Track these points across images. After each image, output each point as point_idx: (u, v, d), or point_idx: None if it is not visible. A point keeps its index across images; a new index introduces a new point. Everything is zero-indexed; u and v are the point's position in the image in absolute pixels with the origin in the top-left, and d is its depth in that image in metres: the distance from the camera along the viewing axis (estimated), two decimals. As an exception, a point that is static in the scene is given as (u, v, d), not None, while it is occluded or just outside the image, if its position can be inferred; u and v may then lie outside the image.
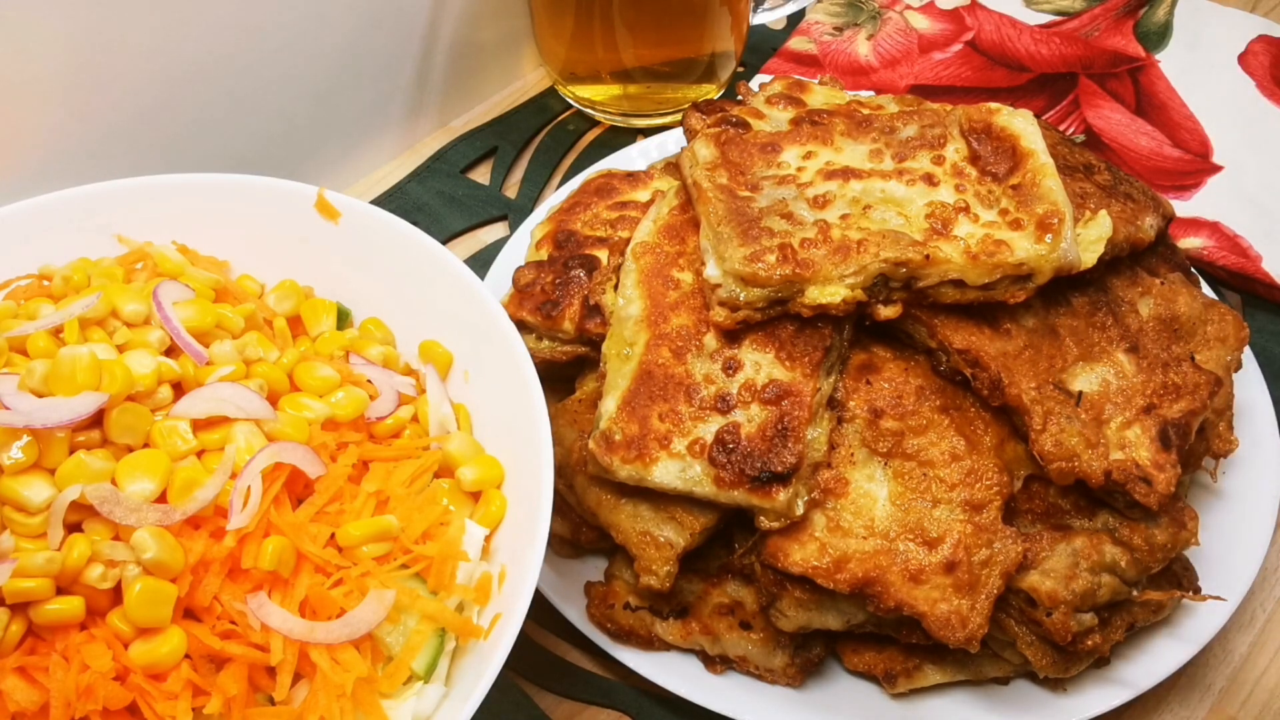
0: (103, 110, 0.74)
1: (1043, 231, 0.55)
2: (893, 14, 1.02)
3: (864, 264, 0.54)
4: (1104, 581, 0.56)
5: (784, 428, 0.54)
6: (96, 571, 0.50)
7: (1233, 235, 0.82)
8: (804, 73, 0.96)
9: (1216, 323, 0.63)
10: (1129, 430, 0.56)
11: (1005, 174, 0.58)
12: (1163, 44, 0.98)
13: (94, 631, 0.50)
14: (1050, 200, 0.56)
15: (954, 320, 0.57)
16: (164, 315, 0.58)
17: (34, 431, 0.51)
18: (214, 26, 0.76)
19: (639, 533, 0.58)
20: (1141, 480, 0.55)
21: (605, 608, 0.61)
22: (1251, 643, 0.65)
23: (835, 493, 0.55)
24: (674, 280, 0.60)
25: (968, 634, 0.53)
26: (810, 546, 0.55)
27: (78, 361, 0.52)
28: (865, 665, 0.59)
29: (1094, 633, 0.56)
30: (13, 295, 0.62)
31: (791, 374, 0.56)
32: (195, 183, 0.68)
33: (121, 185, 0.68)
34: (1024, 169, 0.57)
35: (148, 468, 0.52)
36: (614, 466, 0.56)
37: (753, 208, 0.57)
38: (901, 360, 0.59)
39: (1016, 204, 0.56)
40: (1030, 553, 0.55)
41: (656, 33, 0.88)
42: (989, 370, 0.56)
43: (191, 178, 0.69)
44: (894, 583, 0.53)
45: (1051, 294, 0.60)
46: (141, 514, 0.50)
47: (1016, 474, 0.57)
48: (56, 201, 0.67)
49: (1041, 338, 0.58)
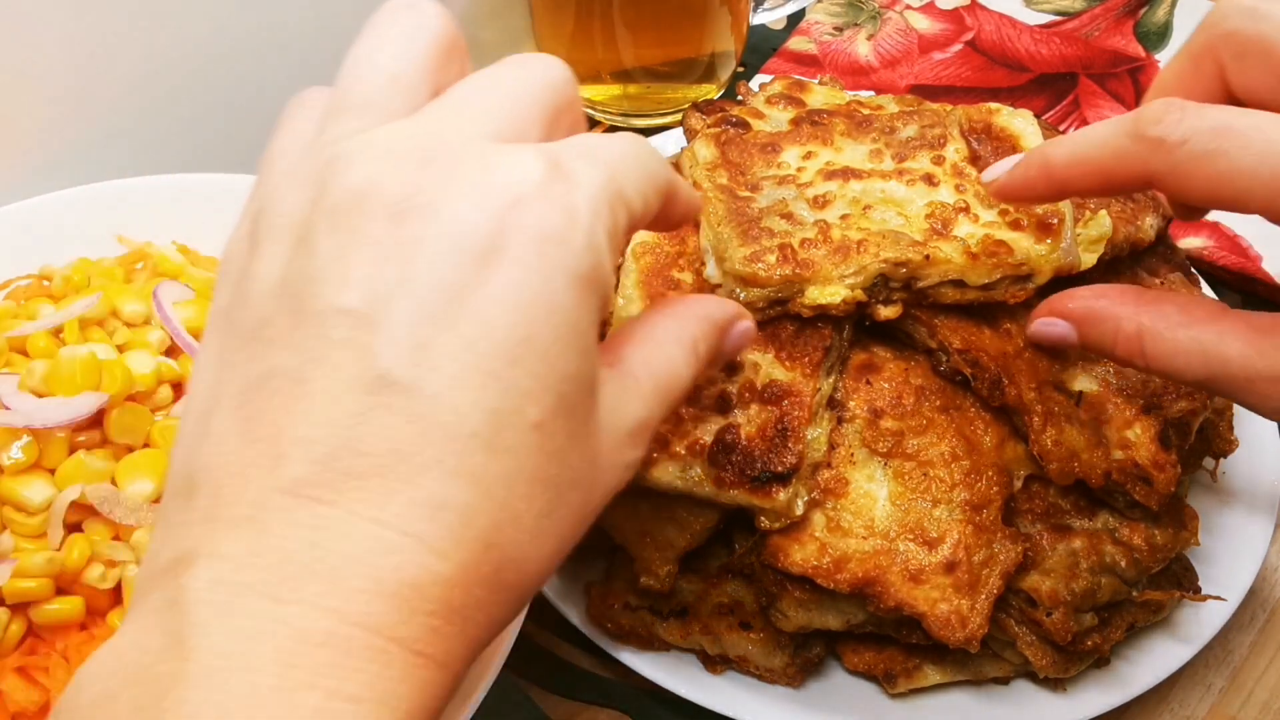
0: (103, 110, 0.74)
1: (1043, 232, 0.55)
2: (893, 14, 1.02)
3: (864, 264, 0.54)
4: (1104, 582, 0.56)
5: (784, 428, 0.54)
6: (96, 571, 0.50)
7: (1233, 235, 0.82)
8: (804, 73, 0.96)
9: (1216, 323, 0.63)
10: (1129, 430, 0.56)
11: None
12: (1163, 44, 0.98)
13: (94, 631, 0.50)
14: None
15: (954, 320, 0.57)
16: (164, 315, 0.58)
17: (34, 431, 0.51)
18: (214, 26, 0.76)
19: (639, 533, 0.58)
20: (1141, 480, 0.55)
21: (605, 608, 0.61)
22: (1251, 643, 0.65)
23: (835, 493, 0.55)
24: (674, 280, 0.60)
25: (968, 634, 0.53)
26: (810, 546, 0.55)
27: (78, 361, 0.52)
28: (865, 665, 0.59)
29: (1094, 633, 0.56)
30: (13, 295, 0.62)
31: (791, 374, 0.56)
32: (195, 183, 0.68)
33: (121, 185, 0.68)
34: None
35: (148, 468, 0.52)
36: (614, 466, 0.56)
37: (753, 208, 0.57)
38: (901, 360, 0.59)
39: (1016, 204, 0.56)
40: (1030, 553, 0.55)
41: (656, 33, 0.88)
42: (989, 370, 0.56)
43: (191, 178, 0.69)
44: (894, 583, 0.53)
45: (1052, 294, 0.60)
46: (141, 514, 0.50)
47: (1016, 474, 0.57)
48: (56, 201, 0.67)
49: (1041, 338, 0.58)
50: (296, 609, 0.27)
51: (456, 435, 0.29)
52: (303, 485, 0.28)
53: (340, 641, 0.27)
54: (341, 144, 0.31)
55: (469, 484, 0.29)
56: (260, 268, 0.31)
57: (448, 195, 0.30)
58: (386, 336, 0.29)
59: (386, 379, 0.29)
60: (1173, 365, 0.44)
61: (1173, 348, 0.44)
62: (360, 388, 0.29)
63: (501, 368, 0.29)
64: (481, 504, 0.29)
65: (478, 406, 0.29)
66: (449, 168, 0.30)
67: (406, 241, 0.29)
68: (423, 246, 0.29)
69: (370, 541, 0.28)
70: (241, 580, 0.28)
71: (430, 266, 0.29)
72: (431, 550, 0.29)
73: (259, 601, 0.27)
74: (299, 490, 0.28)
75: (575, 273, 0.31)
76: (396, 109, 0.32)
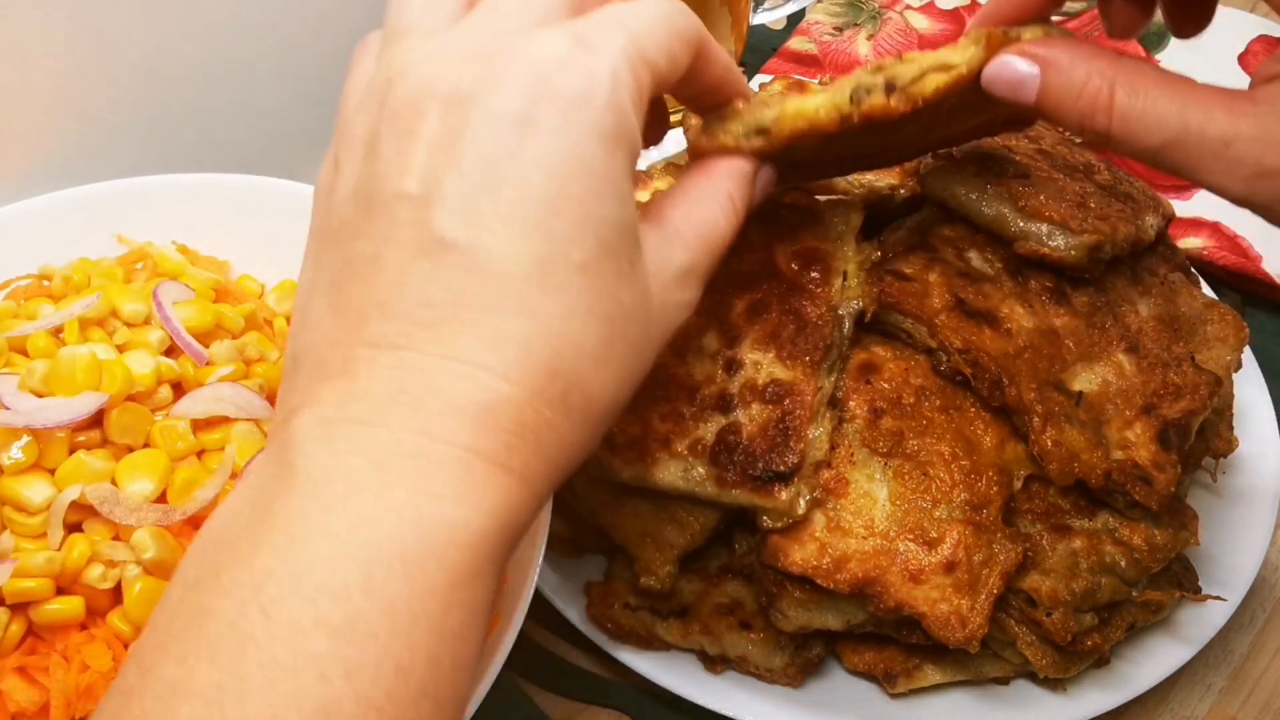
0: (103, 110, 0.74)
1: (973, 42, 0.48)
2: (893, 14, 1.02)
3: (841, 83, 0.49)
4: (1104, 582, 0.56)
5: (785, 427, 0.54)
6: (96, 571, 0.50)
7: (1233, 235, 0.82)
8: (804, 73, 0.96)
9: (1216, 323, 0.63)
10: (1129, 430, 0.56)
11: None
12: (1163, 44, 0.98)
13: (94, 631, 0.50)
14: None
15: (954, 320, 0.57)
16: (164, 315, 0.58)
17: (34, 431, 0.51)
18: (215, 26, 0.76)
19: (639, 533, 0.58)
20: (1141, 480, 0.55)
21: (605, 607, 0.61)
22: (1251, 643, 0.65)
23: (835, 492, 0.56)
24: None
25: (968, 634, 0.53)
26: (810, 546, 0.55)
27: (78, 361, 0.52)
28: (865, 665, 0.59)
29: (1094, 633, 0.56)
30: (13, 295, 0.62)
31: (792, 373, 0.56)
32: (195, 183, 0.68)
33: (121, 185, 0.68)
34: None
35: (148, 468, 0.52)
36: (617, 468, 0.56)
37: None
38: (901, 360, 0.59)
39: None
40: (1030, 553, 0.55)
41: (656, 33, 0.88)
42: (989, 370, 0.56)
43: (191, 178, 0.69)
44: (894, 583, 0.53)
45: (1052, 294, 0.60)
46: (141, 514, 0.50)
47: (1016, 474, 0.57)
48: (56, 201, 0.67)
49: (1041, 338, 0.58)
50: (385, 431, 0.32)
51: (510, 280, 0.34)
52: (383, 338, 0.33)
53: (424, 452, 0.32)
54: (395, 64, 0.36)
55: (527, 319, 0.34)
56: (340, 183, 0.37)
57: (485, 84, 0.35)
58: (442, 209, 0.34)
59: (445, 243, 0.34)
60: (1140, 126, 0.42)
61: (1145, 107, 0.42)
62: (424, 254, 0.34)
63: (544, 219, 0.34)
64: (540, 335, 0.34)
65: (527, 255, 0.34)
66: (486, 62, 0.35)
67: (453, 130, 0.34)
68: (467, 130, 0.34)
69: (445, 374, 0.33)
70: (338, 416, 0.33)
71: (474, 146, 0.34)
72: (500, 377, 0.33)
73: (353, 428, 0.33)
74: (380, 342, 0.33)
75: (600, 130, 0.35)
76: (438, 24, 0.37)
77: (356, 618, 0.30)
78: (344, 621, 0.30)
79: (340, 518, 0.31)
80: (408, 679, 0.30)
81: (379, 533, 0.31)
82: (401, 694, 0.30)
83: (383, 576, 0.30)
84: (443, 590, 0.31)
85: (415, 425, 0.32)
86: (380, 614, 0.30)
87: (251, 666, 0.29)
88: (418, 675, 0.31)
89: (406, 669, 0.30)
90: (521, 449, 0.34)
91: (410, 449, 0.32)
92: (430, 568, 0.31)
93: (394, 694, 0.30)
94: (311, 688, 0.29)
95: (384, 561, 0.31)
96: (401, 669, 0.30)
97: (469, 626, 0.32)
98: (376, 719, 0.30)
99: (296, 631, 0.30)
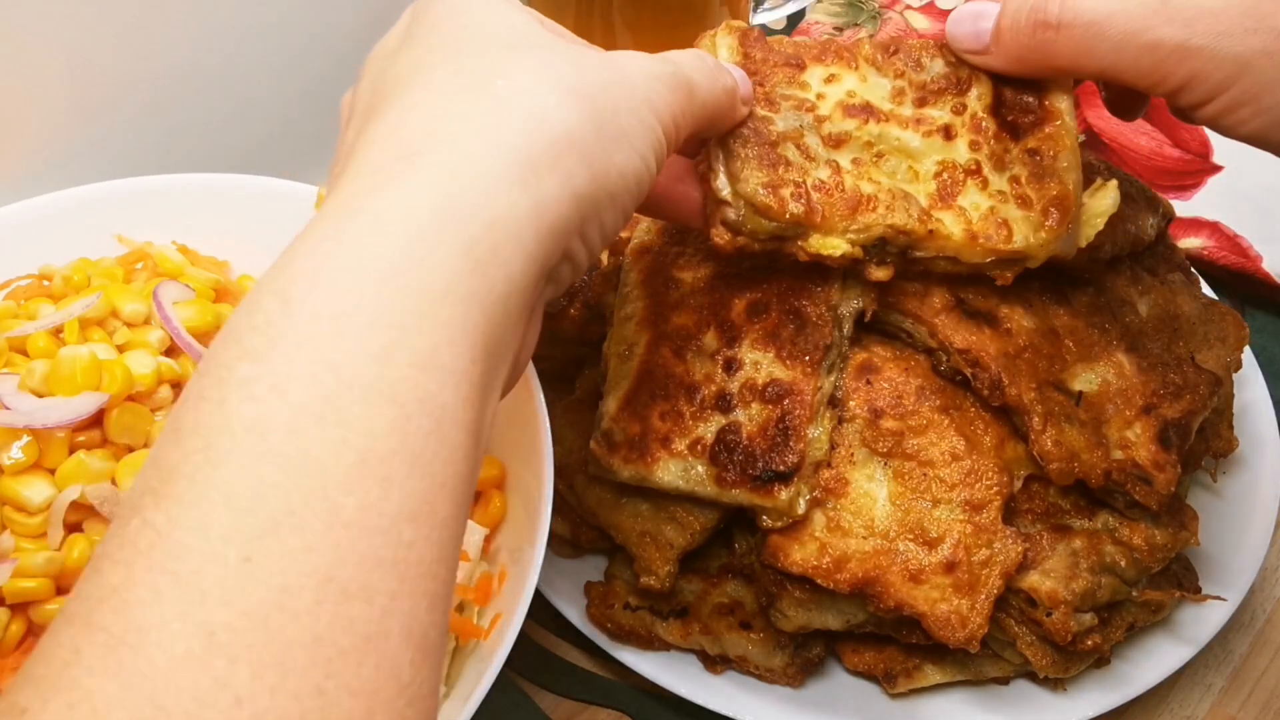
0: (103, 110, 0.74)
1: (1045, 218, 0.54)
2: (893, 14, 1.02)
3: (869, 224, 0.53)
4: (1104, 582, 0.56)
5: (785, 426, 0.54)
6: (96, 571, 0.50)
7: (1233, 235, 0.82)
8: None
9: (1216, 323, 0.64)
10: (1129, 430, 0.56)
11: (1026, 128, 0.55)
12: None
13: (94, 631, 0.50)
14: (1062, 183, 0.54)
15: (954, 320, 0.57)
16: (164, 315, 0.58)
17: (34, 431, 0.51)
18: (214, 26, 0.76)
19: (639, 533, 0.58)
20: (1141, 480, 0.55)
21: (605, 608, 0.61)
22: (1251, 643, 0.65)
23: (835, 492, 0.56)
24: (674, 280, 0.60)
25: (968, 634, 0.53)
26: (810, 546, 0.55)
27: (78, 361, 0.52)
28: (865, 665, 0.59)
29: (1094, 633, 0.56)
30: (13, 295, 0.62)
31: (792, 373, 0.56)
32: (195, 183, 0.68)
33: (121, 185, 0.68)
34: (1045, 129, 0.55)
35: (148, 468, 0.52)
36: (616, 467, 0.56)
37: (770, 130, 0.54)
38: (901, 360, 0.59)
39: (1029, 174, 0.54)
40: (1030, 553, 0.55)
41: (656, 33, 0.88)
42: (989, 370, 0.56)
43: (191, 178, 0.69)
44: (894, 583, 0.53)
45: (1051, 294, 0.60)
46: (141, 514, 0.50)
47: (1016, 474, 0.57)
48: (56, 201, 0.67)
49: (1041, 338, 0.58)
50: (434, 173, 0.37)
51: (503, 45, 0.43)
52: (413, 142, 0.38)
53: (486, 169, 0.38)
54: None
55: (531, 75, 0.42)
56: (368, 79, 0.45)
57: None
58: (450, 69, 0.41)
59: (458, 79, 0.41)
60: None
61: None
62: (442, 97, 0.40)
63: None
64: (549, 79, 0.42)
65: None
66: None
67: (459, 28, 0.43)
68: (468, 25, 0.43)
69: (485, 118, 0.39)
70: (388, 176, 0.38)
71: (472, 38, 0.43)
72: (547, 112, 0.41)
73: (405, 169, 0.38)
74: (413, 145, 0.38)
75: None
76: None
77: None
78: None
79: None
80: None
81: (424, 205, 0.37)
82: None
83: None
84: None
85: (452, 166, 0.38)
86: None
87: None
88: None
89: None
90: (576, 170, 0.40)
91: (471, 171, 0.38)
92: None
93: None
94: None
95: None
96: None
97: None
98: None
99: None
